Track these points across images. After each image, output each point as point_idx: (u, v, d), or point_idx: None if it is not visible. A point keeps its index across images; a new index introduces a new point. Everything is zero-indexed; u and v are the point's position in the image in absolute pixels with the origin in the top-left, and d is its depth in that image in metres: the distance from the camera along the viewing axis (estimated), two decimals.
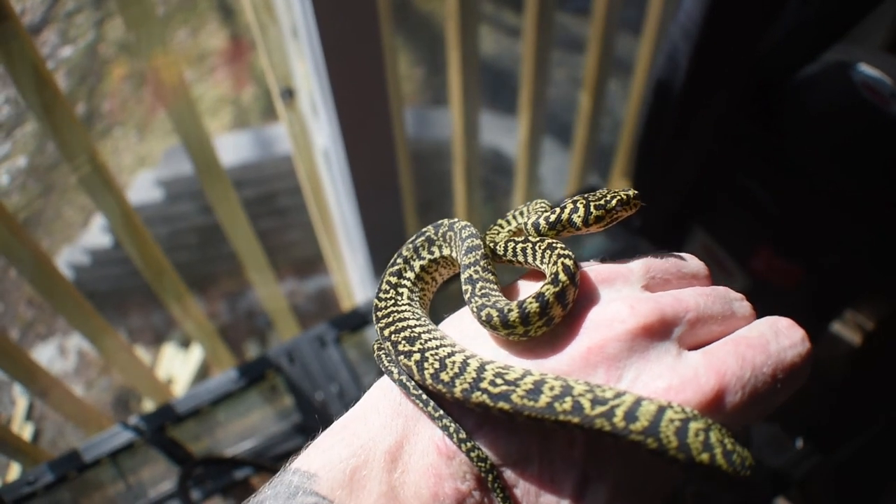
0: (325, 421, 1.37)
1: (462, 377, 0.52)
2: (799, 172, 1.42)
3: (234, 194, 1.57)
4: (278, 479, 0.52)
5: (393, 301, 0.64)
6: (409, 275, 0.67)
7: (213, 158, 1.48)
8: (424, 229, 0.70)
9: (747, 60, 1.40)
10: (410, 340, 0.57)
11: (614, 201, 0.68)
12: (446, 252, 0.68)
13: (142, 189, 3.33)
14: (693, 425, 0.46)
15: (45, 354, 3.46)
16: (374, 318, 0.62)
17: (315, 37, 1.32)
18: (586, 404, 0.48)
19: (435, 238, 0.69)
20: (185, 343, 3.26)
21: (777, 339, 0.51)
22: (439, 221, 0.70)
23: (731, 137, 1.52)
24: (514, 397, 0.49)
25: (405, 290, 0.65)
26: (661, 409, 0.47)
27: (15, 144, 3.82)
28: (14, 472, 2.31)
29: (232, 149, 3.26)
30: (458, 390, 0.51)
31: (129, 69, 4.10)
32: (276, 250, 3.40)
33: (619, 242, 1.59)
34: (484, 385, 0.50)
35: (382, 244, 1.79)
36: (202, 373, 3.09)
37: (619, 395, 0.48)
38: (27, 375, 1.54)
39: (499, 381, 0.50)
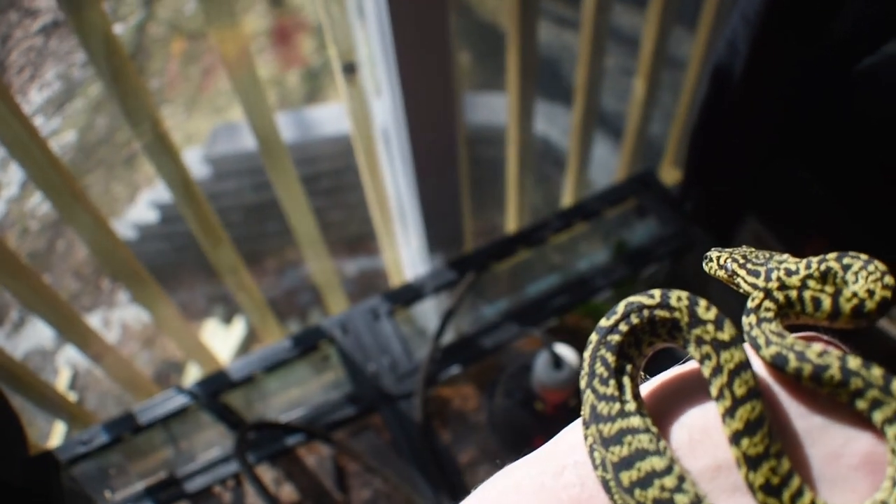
0: (378, 392, 1.39)
1: None
2: (856, 164, 1.40)
3: (293, 167, 1.59)
4: None
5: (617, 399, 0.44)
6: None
7: (274, 131, 1.50)
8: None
9: (808, 49, 1.38)
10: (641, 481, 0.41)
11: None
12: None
13: (189, 166, 3.38)
14: None
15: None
16: (587, 412, 0.44)
17: (385, 16, 1.33)
18: None
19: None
20: (227, 319, 3.31)
21: None
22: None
23: (789, 126, 1.50)
24: None
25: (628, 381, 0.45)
26: None
27: (65, 120, 3.90)
28: (58, 432, 2.37)
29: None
30: None
31: (185, 46, 4.16)
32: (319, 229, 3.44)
33: (671, 227, 1.59)
34: None
35: (437, 224, 1.81)
36: (243, 349, 3.13)
37: None
38: (82, 339, 1.58)
39: None
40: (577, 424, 0.46)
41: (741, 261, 0.54)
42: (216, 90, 4.05)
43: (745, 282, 0.53)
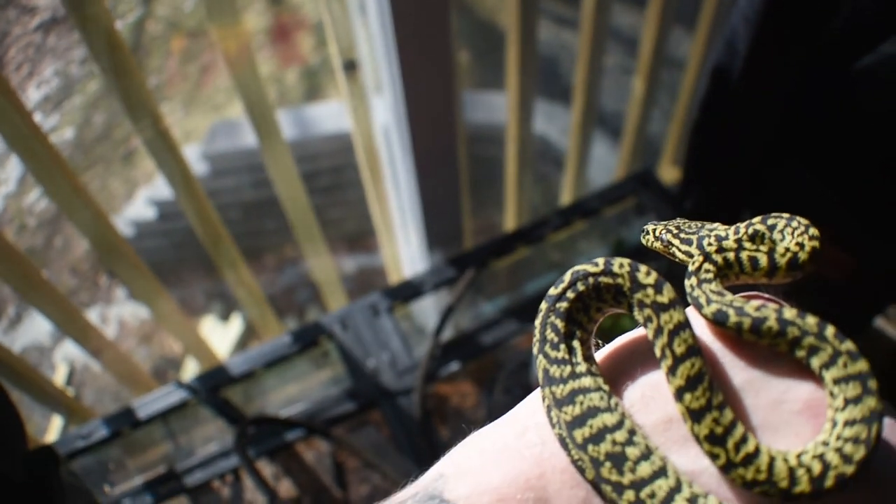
0: (377, 388, 1.40)
1: None
2: (855, 163, 1.41)
3: (293, 163, 1.60)
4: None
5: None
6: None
7: (276, 128, 1.50)
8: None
9: (807, 48, 1.39)
10: (595, 436, 0.43)
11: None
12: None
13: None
14: None
15: None
16: (541, 376, 0.47)
17: (387, 13, 1.34)
18: None
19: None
20: (225, 316, 3.31)
21: None
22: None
23: (788, 125, 1.51)
24: None
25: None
26: None
27: (63, 117, 3.89)
28: (55, 426, 2.37)
29: None
30: None
31: (184, 44, 4.15)
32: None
33: None
34: None
35: (437, 221, 1.82)
36: (241, 345, 3.13)
37: None
38: (81, 334, 1.58)
39: None
40: (538, 391, 0.48)
41: (675, 231, 0.57)
42: (214, 87, 4.04)
43: (679, 251, 0.56)
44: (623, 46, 3.46)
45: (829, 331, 0.42)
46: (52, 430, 2.36)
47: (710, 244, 0.53)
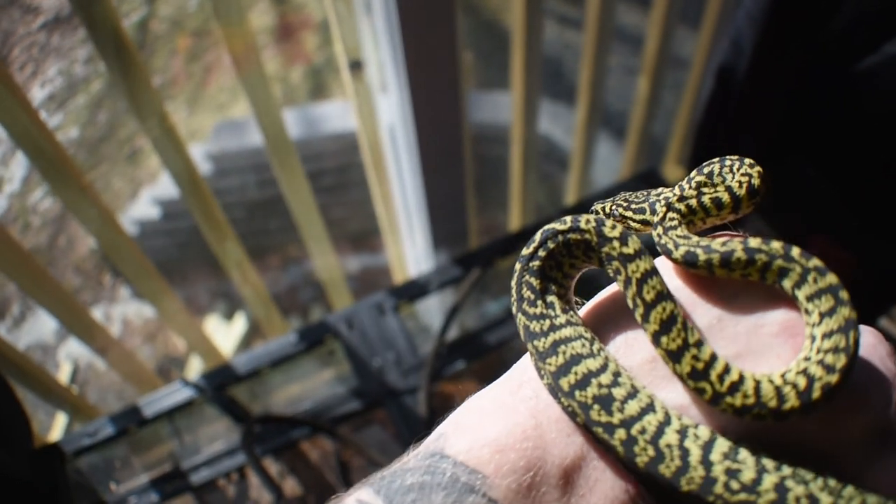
0: (383, 387, 1.40)
1: (677, 463, 0.41)
2: (859, 161, 1.41)
3: (299, 164, 1.60)
4: (426, 464, 0.45)
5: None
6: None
7: (282, 128, 1.51)
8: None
9: (811, 48, 1.39)
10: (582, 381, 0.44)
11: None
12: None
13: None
14: None
15: None
16: (522, 333, 0.48)
17: (393, 13, 1.34)
18: None
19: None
20: (229, 315, 3.31)
21: None
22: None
23: (793, 124, 1.51)
24: None
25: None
26: None
27: (67, 116, 3.90)
28: (60, 424, 2.38)
29: None
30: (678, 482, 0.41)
31: (188, 44, 4.16)
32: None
33: None
34: (720, 490, 0.40)
35: (442, 221, 1.82)
36: (244, 345, 3.14)
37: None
38: (87, 332, 1.58)
39: (734, 484, 0.40)
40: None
41: (624, 204, 0.58)
42: (218, 87, 4.05)
43: (634, 220, 0.57)
44: (628, 46, 3.46)
45: (795, 251, 0.43)
46: (57, 427, 2.36)
47: (664, 203, 0.53)
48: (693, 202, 0.51)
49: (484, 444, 0.44)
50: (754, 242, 0.44)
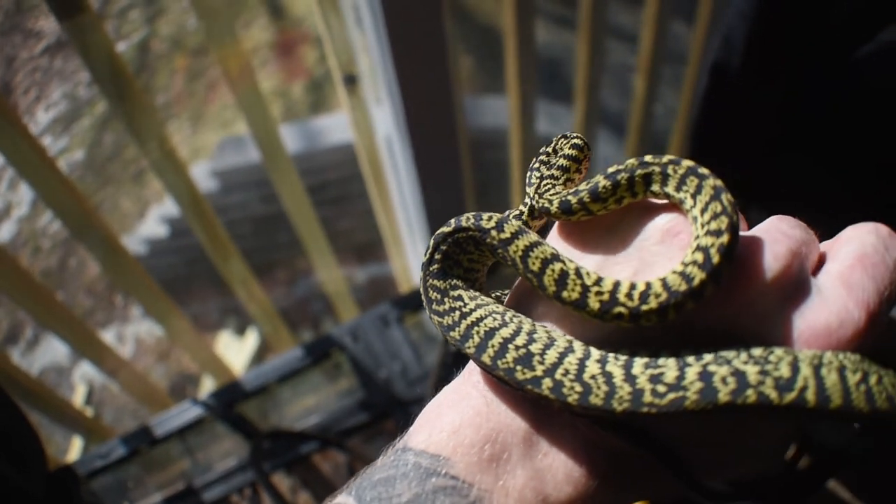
0: (390, 398, 1.41)
1: (615, 395, 0.42)
2: (857, 153, 1.41)
3: (298, 179, 1.61)
4: (393, 461, 0.47)
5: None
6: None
7: (279, 144, 1.52)
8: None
9: (804, 41, 1.39)
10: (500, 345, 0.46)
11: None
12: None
13: (196, 180, 3.40)
14: (863, 372, 0.41)
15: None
16: (440, 332, 0.51)
17: (381, 26, 1.35)
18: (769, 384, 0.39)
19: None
20: (240, 331, 3.33)
21: (888, 249, 0.45)
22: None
23: (789, 118, 1.51)
24: (687, 404, 0.40)
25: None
26: (842, 371, 0.40)
27: (73, 139, 3.94)
28: (76, 447, 2.40)
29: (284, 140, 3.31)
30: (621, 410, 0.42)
31: (189, 63, 4.19)
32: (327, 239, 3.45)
33: None
34: (650, 399, 0.41)
35: None
36: (257, 360, 3.15)
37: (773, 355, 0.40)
38: (97, 355, 1.60)
39: (661, 387, 0.41)
40: None
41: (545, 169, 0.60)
42: (221, 104, 4.08)
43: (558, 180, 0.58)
44: (625, 44, 3.46)
45: (648, 157, 0.46)
46: (73, 450, 2.38)
47: (538, 176, 0.55)
48: (556, 162, 0.55)
49: (441, 429, 0.47)
50: (612, 168, 0.47)
